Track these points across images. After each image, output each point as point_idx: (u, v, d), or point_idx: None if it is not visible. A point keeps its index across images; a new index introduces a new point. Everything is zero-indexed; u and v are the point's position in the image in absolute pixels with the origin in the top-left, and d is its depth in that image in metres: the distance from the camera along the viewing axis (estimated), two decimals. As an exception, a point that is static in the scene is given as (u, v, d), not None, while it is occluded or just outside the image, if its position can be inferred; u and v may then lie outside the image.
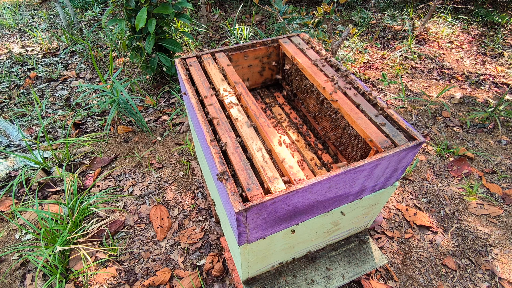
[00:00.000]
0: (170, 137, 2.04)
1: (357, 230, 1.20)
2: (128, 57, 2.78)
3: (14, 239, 1.49)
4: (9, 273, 1.36)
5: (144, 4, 1.98)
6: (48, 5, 4.10)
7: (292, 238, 0.92)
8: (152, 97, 2.34)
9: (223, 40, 3.08)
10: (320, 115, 1.16)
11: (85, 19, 3.58)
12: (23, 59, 2.87)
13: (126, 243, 1.46)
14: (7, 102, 2.36)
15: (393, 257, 1.39)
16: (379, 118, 0.85)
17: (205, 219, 1.55)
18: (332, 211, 0.88)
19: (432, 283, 1.31)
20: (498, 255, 1.40)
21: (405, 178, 1.75)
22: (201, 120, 0.84)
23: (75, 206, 1.48)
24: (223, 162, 0.72)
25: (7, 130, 2.05)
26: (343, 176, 0.72)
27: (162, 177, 1.77)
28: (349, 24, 2.66)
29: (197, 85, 0.98)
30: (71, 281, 1.31)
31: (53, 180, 1.75)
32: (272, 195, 0.65)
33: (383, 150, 0.75)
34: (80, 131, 2.09)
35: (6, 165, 1.79)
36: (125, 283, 1.31)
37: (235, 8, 3.73)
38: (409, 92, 2.46)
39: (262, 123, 0.84)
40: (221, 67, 1.05)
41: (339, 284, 1.12)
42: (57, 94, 2.46)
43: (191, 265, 1.37)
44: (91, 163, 1.85)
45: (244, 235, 0.74)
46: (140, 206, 1.62)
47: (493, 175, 1.76)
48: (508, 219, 1.54)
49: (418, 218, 1.53)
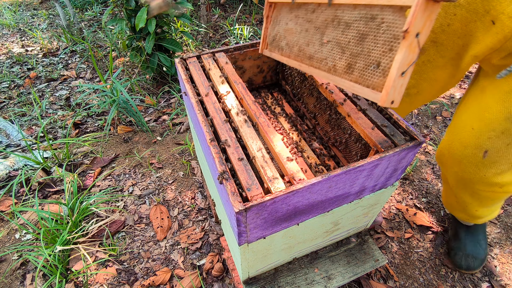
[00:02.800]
0: (170, 137, 2.04)
1: (357, 230, 1.20)
2: (128, 57, 2.78)
3: (14, 239, 1.49)
4: (9, 273, 1.36)
5: (144, 4, 1.98)
6: (48, 5, 4.10)
7: (292, 238, 0.92)
8: (152, 97, 2.34)
9: (223, 40, 3.08)
10: (320, 115, 1.16)
11: (85, 19, 3.58)
12: (23, 59, 2.87)
13: (126, 243, 1.46)
14: (7, 102, 2.36)
15: (393, 257, 1.40)
16: (379, 118, 0.85)
17: (205, 219, 1.55)
18: (332, 211, 0.88)
19: (432, 283, 1.31)
20: (498, 255, 1.40)
21: (405, 178, 1.75)
22: (201, 120, 0.84)
23: (75, 206, 1.48)
24: (223, 162, 0.73)
25: (7, 130, 2.05)
26: (343, 176, 0.72)
27: (162, 177, 1.77)
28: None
29: (197, 85, 0.98)
30: (71, 281, 1.31)
31: (53, 180, 1.75)
32: (272, 195, 0.65)
33: (383, 150, 0.75)
34: (80, 131, 2.09)
35: (6, 165, 1.79)
36: (125, 283, 1.32)
37: (235, 8, 3.73)
38: (409, 92, 2.45)
39: (262, 123, 0.84)
40: (221, 66, 1.05)
41: (339, 284, 1.12)
42: (57, 94, 2.46)
43: (191, 265, 1.37)
44: (91, 163, 1.85)
45: (244, 235, 0.74)
46: (140, 206, 1.62)
47: (493, 175, 1.76)
48: (508, 219, 1.54)
49: (418, 218, 1.53)
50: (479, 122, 0.89)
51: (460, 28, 0.80)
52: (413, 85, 1.01)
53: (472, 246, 1.32)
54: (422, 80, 0.98)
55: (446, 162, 1.06)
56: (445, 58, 0.89)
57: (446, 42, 0.85)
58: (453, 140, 0.98)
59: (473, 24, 0.78)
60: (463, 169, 0.99)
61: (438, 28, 0.84)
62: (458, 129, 0.96)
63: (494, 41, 0.76)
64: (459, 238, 1.35)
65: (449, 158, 1.03)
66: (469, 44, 0.82)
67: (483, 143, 0.90)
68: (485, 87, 0.87)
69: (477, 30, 0.78)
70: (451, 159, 1.01)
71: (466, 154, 0.94)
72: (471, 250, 1.31)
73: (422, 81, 0.98)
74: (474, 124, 0.90)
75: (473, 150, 0.92)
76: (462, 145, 0.94)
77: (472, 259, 1.30)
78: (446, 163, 1.06)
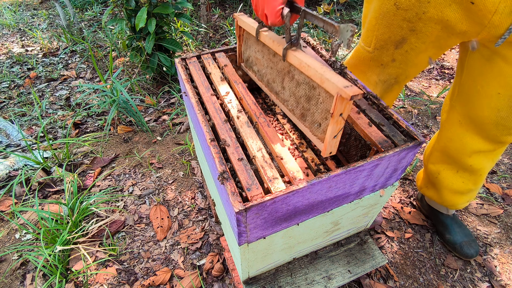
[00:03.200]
0: (170, 137, 2.04)
1: (357, 230, 1.20)
2: (128, 57, 2.78)
3: (14, 239, 1.49)
4: (9, 273, 1.36)
5: (144, 4, 1.98)
6: (48, 5, 4.10)
7: (292, 238, 0.92)
8: (152, 97, 2.34)
9: (223, 40, 3.08)
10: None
11: (85, 19, 3.58)
12: (23, 59, 2.87)
13: (126, 243, 1.46)
14: (7, 102, 2.36)
15: (393, 257, 1.40)
16: (379, 118, 0.85)
17: (205, 219, 1.55)
18: (332, 211, 0.88)
19: (432, 283, 1.31)
20: (498, 255, 1.40)
21: (405, 178, 1.75)
22: (201, 120, 0.84)
23: (75, 206, 1.48)
24: (223, 162, 0.73)
25: (7, 130, 2.05)
26: (343, 176, 0.72)
27: (162, 177, 1.77)
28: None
29: (197, 85, 0.98)
30: (71, 280, 1.31)
31: (53, 180, 1.75)
32: (272, 195, 0.65)
33: (383, 150, 0.75)
34: (80, 131, 2.09)
35: (6, 165, 1.79)
36: (125, 283, 1.32)
37: (235, 8, 3.73)
38: (409, 92, 2.46)
39: (262, 123, 0.84)
40: (221, 66, 1.05)
41: (339, 284, 1.12)
42: (57, 94, 2.46)
43: (191, 265, 1.37)
44: (91, 163, 1.85)
45: (244, 235, 0.74)
46: (140, 206, 1.62)
47: (493, 175, 1.76)
48: (508, 219, 1.54)
49: (412, 217, 1.53)
50: (503, 88, 0.91)
51: (435, 15, 0.82)
52: (401, 73, 1.05)
53: (467, 232, 1.41)
54: (409, 67, 1.02)
55: (460, 127, 1.09)
56: (426, 43, 0.92)
57: (424, 29, 0.88)
58: (479, 106, 1.00)
59: (448, 8, 0.79)
60: (493, 132, 1.01)
61: (415, 17, 0.86)
62: (480, 97, 0.98)
63: (478, 19, 0.78)
64: (453, 231, 1.40)
65: (470, 124, 1.06)
66: (447, 27, 0.84)
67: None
68: (491, 56, 0.89)
69: (455, 12, 0.80)
70: (472, 123, 1.05)
71: (502, 116, 0.96)
72: (469, 235, 1.39)
73: (409, 68, 1.03)
74: (498, 90, 0.92)
75: (507, 111, 0.95)
76: (495, 109, 0.96)
77: (474, 243, 1.38)
78: (460, 127, 1.09)
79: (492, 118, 0.98)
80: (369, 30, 1.01)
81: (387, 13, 0.91)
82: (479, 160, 1.12)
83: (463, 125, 1.08)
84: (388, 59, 1.02)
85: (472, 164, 1.13)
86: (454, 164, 1.18)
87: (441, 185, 1.26)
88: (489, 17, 0.75)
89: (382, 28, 0.95)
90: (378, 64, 1.06)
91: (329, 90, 0.66)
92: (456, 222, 1.42)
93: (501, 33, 0.77)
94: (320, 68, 0.69)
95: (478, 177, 1.18)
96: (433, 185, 1.31)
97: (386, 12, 0.91)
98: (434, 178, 1.28)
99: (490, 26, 0.77)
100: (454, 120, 1.11)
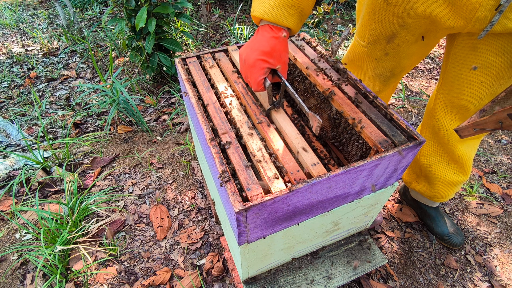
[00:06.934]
0: (170, 137, 2.04)
1: (357, 230, 1.20)
2: (128, 57, 2.78)
3: (14, 238, 1.49)
4: (9, 273, 1.36)
5: (144, 4, 1.98)
6: (48, 5, 4.10)
7: (292, 238, 0.92)
8: (152, 97, 2.34)
9: (223, 40, 3.08)
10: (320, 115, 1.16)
11: (85, 18, 3.58)
12: (23, 58, 2.87)
13: (126, 243, 1.46)
14: (7, 101, 2.36)
15: (393, 257, 1.40)
16: (379, 118, 0.85)
17: (205, 219, 1.55)
18: (332, 211, 0.88)
19: (432, 283, 1.31)
20: (498, 254, 1.40)
21: (405, 178, 1.75)
22: (201, 120, 0.84)
23: (75, 205, 1.48)
24: (223, 162, 0.73)
25: (7, 130, 2.05)
26: (343, 176, 0.72)
27: (162, 177, 1.77)
28: (349, 24, 2.66)
29: (197, 85, 0.98)
30: (71, 280, 1.31)
31: (53, 180, 1.75)
32: (272, 195, 0.65)
33: (383, 150, 0.75)
34: (80, 131, 2.09)
35: (6, 164, 1.79)
36: (125, 282, 1.32)
37: (235, 8, 3.73)
38: (409, 92, 2.46)
39: (262, 123, 0.84)
40: (221, 66, 1.05)
41: (339, 284, 1.12)
42: (57, 93, 2.46)
43: (191, 265, 1.37)
44: (91, 162, 1.85)
45: (244, 235, 0.74)
46: (140, 206, 1.62)
47: (493, 175, 1.76)
48: (508, 218, 1.54)
49: (403, 214, 1.53)
50: (485, 76, 0.94)
51: (423, 10, 0.84)
52: (396, 66, 1.08)
53: (451, 221, 1.46)
54: (402, 59, 1.05)
55: (444, 115, 1.12)
56: (416, 35, 0.95)
57: (413, 23, 0.91)
58: (462, 94, 1.02)
59: (435, 4, 0.82)
60: None
61: (403, 13, 0.89)
62: (463, 85, 1.00)
63: (463, 14, 0.79)
64: (439, 222, 1.45)
65: (454, 111, 1.08)
66: (435, 22, 0.86)
67: (497, 91, 0.96)
68: (476, 45, 0.91)
69: (442, 8, 0.82)
70: (456, 111, 1.07)
71: (484, 104, 0.98)
72: (453, 224, 1.45)
73: (402, 60, 1.05)
74: (480, 78, 0.95)
75: (489, 99, 0.97)
76: (478, 98, 0.99)
77: (459, 231, 1.44)
78: (444, 115, 1.12)
79: (474, 106, 1.00)
80: (363, 24, 1.04)
81: (378, 9, 0.93)
82: (465, 151, 1.15)
83: (447, 113, 1.10)
84: (381, 53, 1.05)
85: (461, 155, 1.16)
86: (445, 155, 1.20)
87: (434, 177, 1.28)
88: (474, 12, 0.77)
89: (374, 23, 0.98)
90: (372, 59, 1.09)
91: (301, 162, 0.78)
92: (440, 213, 1.46)
93: (484, 25, 0.79)
94: (295, 139, 0.81)
95: (468, 167, 1.21)
96: (426, 178, 1.33)
97: (377, 7, 0.93)
98: (427, 171, 1.29)
99: (475, 20, 0.79)
100: (438, 108, 1.13)
